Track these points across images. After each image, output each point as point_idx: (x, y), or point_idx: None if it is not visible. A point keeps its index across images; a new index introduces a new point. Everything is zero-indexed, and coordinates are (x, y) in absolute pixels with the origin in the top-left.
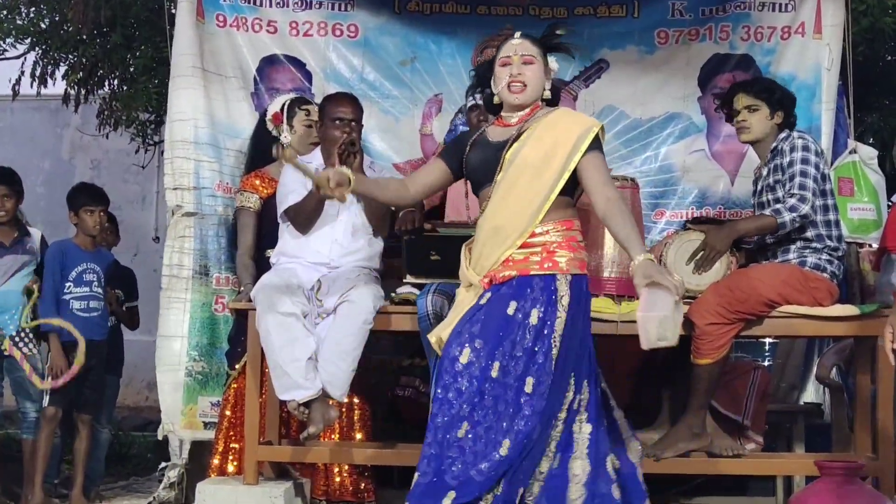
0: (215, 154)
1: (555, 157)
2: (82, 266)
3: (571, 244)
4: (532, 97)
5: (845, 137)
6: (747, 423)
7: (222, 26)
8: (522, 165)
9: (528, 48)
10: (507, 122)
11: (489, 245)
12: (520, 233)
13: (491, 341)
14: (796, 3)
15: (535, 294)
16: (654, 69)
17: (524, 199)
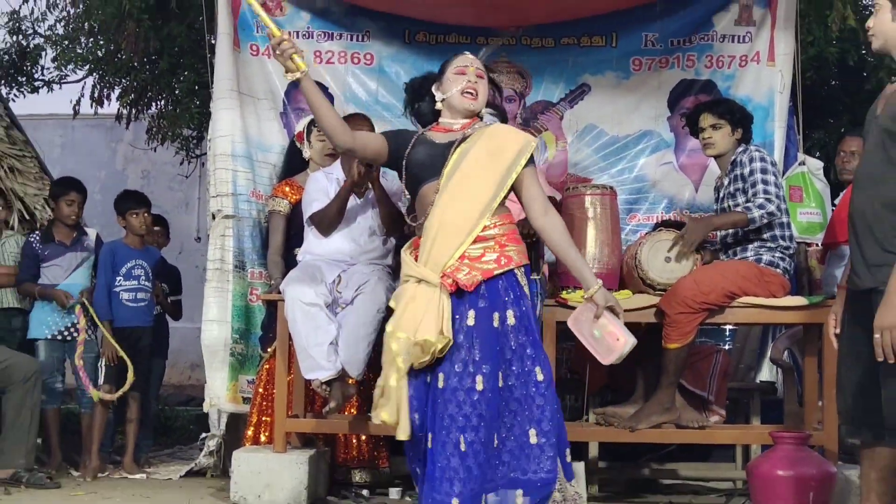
0: (249, 165)
1: (502, 160)
2: (131, 263)
3: (515, 236)
4: (479, 108)
5: (795, 151)
6: (711, 399)
7: (255, 55)
8: (473, 164)
9: (480, 67)
10: (449, 127)
11: (441, 239)
12: (472, 227)
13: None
14: (753, 34)
15: (504, 296)
16: (629, 92)
17: (475, 196)
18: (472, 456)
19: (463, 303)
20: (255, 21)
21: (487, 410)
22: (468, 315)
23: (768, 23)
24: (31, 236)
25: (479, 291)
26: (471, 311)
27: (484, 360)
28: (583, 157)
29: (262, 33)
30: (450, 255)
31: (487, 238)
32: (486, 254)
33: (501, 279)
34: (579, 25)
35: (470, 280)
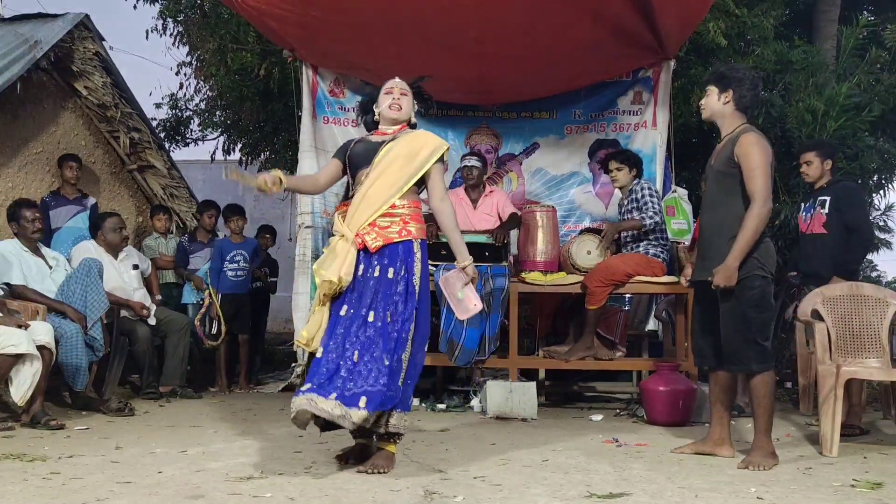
0: (322, 195)
1: (418, 156)
2: (233, 252)
3: (418, 218)
4: (403, 117)
5: (670, 184)
6: (617, 342)
7: (326, 123)
8: (395, 157)
9: (404, 86)
10: (383, 132)
11: (361, 209)
12: (384, 202)
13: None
14: (642, 110)
15: (400, 257)
16: (563, 147)
17: (392, 180)
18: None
19: (372, 258)
20: (326, 102)
21: (368, 335)
22: (375, 268)
23: (652, 102)
24: (182, 237)
25: (382, 252)
26: (377, 265)
27: (377, 300)
28: (535, 188)
29: (330, 109)
30: (364, 220)
31: (395, 215)
32: (392, 226)
33: (399, 245)
34: (532, 105)
35: (374, 244)
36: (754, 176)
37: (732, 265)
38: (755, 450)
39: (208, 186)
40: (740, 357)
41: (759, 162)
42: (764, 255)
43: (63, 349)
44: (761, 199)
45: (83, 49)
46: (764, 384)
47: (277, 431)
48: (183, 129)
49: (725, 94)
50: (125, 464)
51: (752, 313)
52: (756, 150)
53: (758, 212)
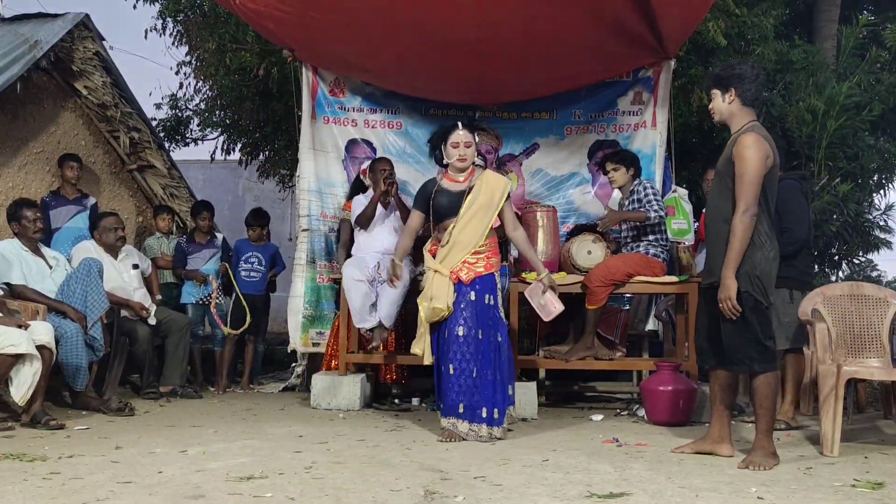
0: (319, 197)
1: (493, 201)
2: (248, 253)
3: (496, 252)
4: (468, 165)
5: (670, 184)
6: (617, 341)
7: (326, 123)
8: (477, 208)
9: (467, 136)
10: (455, 178)
11: (453, 252)
12: (473, 246)
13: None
14: (642, 110)
15: (488, 286)
16: (563, 148)
17: (477, 227)
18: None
19: (466, 289)
20: (326, 102)
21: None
22: (470, 294)
23: (652, 102)
24: (180, 238)
25: (474, 283)
26: (471, 292)
27: (478, 321)
28: (535, 189)
29: (330, 109)
30: (458, 260)
31: (480, 252)
32: (479, 262)
33: (488, 276)
34: (532, 105)
35: (468, 277)
36: (741, 181)
37: (726, 282)
38: (756, 449)
39: (208, 186)
40: (742, 357)
41: (749, 166)
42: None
43: (63, 349)
44: (743, 205)
45: (83, 49)
46: (766, 384)
47: (277, 431)
48: (183, 128)
49: (728, 93)
50: (125, 464)
51: (751, 314)
52: (749, 153)
53: (738, 220)
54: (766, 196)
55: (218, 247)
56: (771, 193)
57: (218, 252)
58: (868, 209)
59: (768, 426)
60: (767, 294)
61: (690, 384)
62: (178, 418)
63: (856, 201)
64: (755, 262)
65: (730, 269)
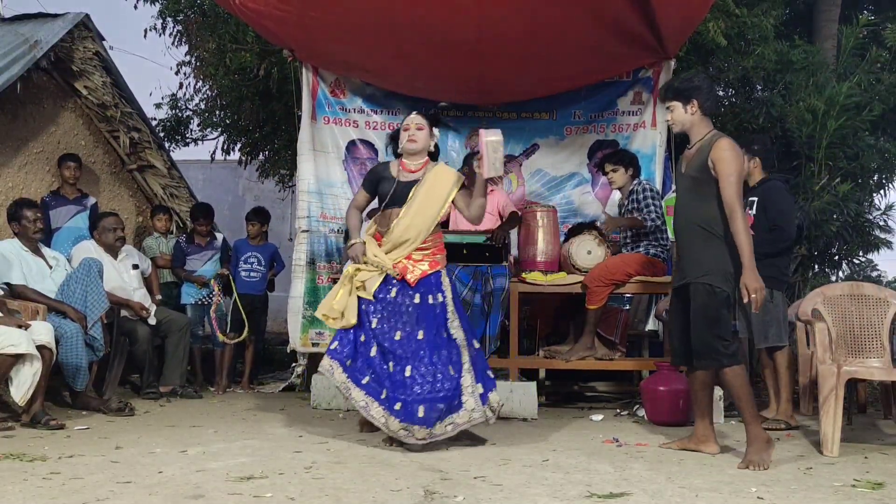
0: (319, 198)
1: (439, 197)
2: (247, 254)
3: (441, 248)
4: (419, 149)
5: (670, 183)
6: (617, 341)
7: (326, 123)
8: (422, 201)
9: (420, 121)
10: (408, 167)
11: (399, 247)
12: (416, 239)
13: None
14: (642, 110)
15: (432, 286)
16: (563, 149)
17: (424, 220)
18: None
19: (410, 291)
20: (327, 102)
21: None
22: (415, 296)
23: (651, 102)
24: (179, 238)
25: (418, 285)
26: (416, 294)
27: (421, 321)
28: (535, 189)
29: (330, 109)
30: (401, 255)
31: (426, 248)
32: (424, 259)
33: (432, 276)
34: (532, 106)
35: (413, 278)
36: (730, 183)
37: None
38: (751, 444)
39: (208, 186)
40: (710, 352)
41: (734, 168)
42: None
43: (63, 349)
44: (733, 206)
45: (83, 49)
46: (737, 375)
47: (277, 431)
48: (183, 128)
49: (690, 104)
50: (125, 464)
51: (723, 311)
52: (729, 156)
53: (740, 219)
54: None
55: (217, 248)
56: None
57: (217, 253)
58: (868, 209)
59: (752, 415)
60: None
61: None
62: (178, 418)
63: (856, 201)
64: (729, 259)
65: (752, 262)
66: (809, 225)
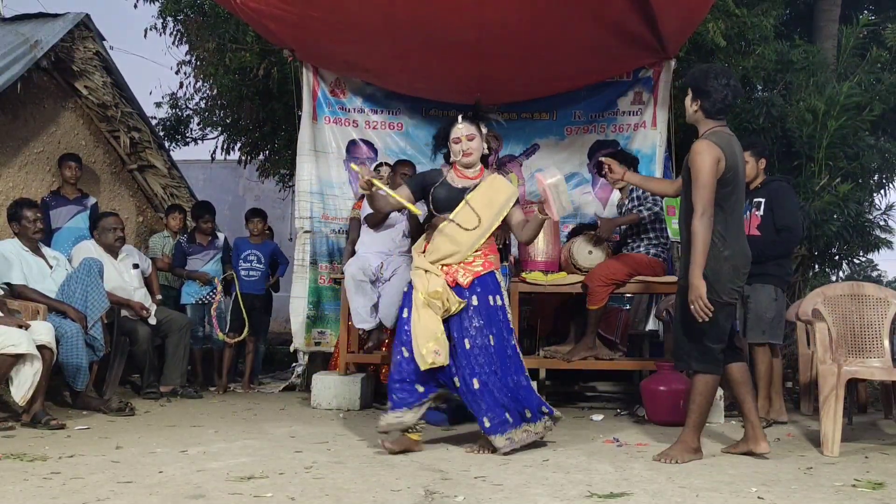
0: (320, 199)
1: (495, 206)
2: (247, 252)
3: (494, 248)
4: (476, 158)
5: None
6: (617, 342)
7: (327, 123)
8: (477, 207)
9: (468, 129)
10: (463, 174)
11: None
12: (470, 251)
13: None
14: (642, 110)
15: (490, 286)
16: (563, 149)
17: (476, 232)
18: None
19: (464, 292)
20: (327, 102)
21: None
22: (471, 299)
23: (652, 102)
24: (181, 238)
25: (473, 286)
26: (473, 297)
27: (489, 326)
28: (535, 189)
29: (331, 109)
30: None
31: (477, 250)
32: (475, 260)
33: (487, 276)
34: (532, 106)
35: (465, 280)
36: (695, 185)
37: (694, 282)
38: (676, 443)
39: (208, 186)
40: (682, 353)
41: (699, 170)
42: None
43: (63, 349)
44: (699, 209)
45: (83, 49)
46: (703, 383)
47: (278, 431)
48: (183, 128)
49: (694, 102)
50: (126, 463)
51: None
52: (699, 159)
53: (697, 222)
54: (720, 197)
55: (219, 248)
56: (731, 194)
57: (219, 253)
58: (868, 209)
59: (695, 423)
60: (719, 291)
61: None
62: (179, 418)
63: (856, 201)
64: (714, 263)
65: (696, 269)
66: (810, 225)
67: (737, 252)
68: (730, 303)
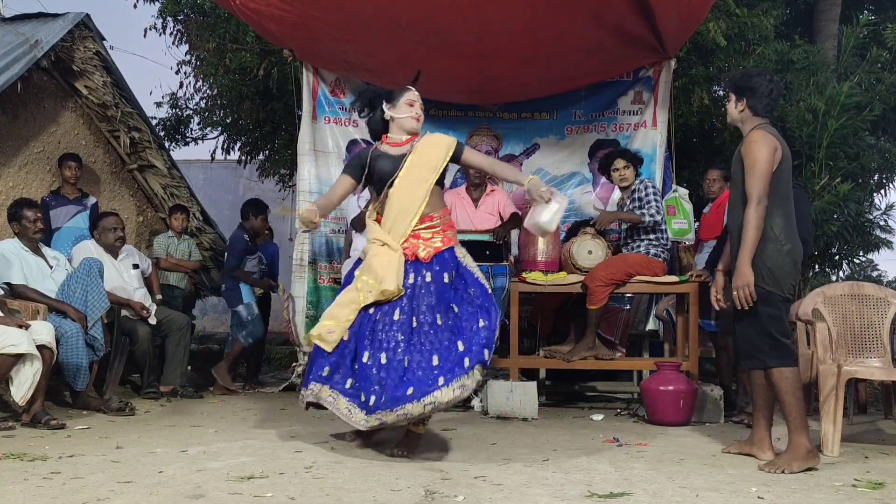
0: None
1: (431, 161)
2: None
3: (451, 225)
4: (418, 129)
5: (671, 183)
6: (617, 342)
7: (327, 123)
8: (415, 167)
9: (420, 99)
10: (397, 142)
11: (398, 221)
12: (416, 211)
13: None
14: (642, 109)
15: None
16: (564, 148)
17: (417, 189)
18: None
19: (421, 267)
20: (327, 102)
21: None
22: (426, 275)
23: (652, 102)
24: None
25: (432, 261)
26: (428, 273)
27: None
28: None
29: (331, 109)
30: (403, 230)
31: (434, 226)
32: (434, 237)
33: (445, 252)
34: (532, 105)
35: (427, 255)
36: (749, 175)
37: (742, 269)
38: (786, 451)
39: (209, 185)
40: (753, 351)
41: (755, 159)
42: (777, 268)
43: (63, 349)
44: (754, 199)
45: (83, 49)
46: (783, 378)
47: (278, 431)
48: (183, 128)
49: (740, 102)
50: (126, 463)
51: (762, 307)
52: (755, 148)
53: (751, 213)
54: (779, 190)
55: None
56: (785, 188)
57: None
58: (869, 209)
59: (796, 423)
60: (782, 286)
61: (691, 384)
62: (179, 418)
63: (856, 201)
64: (767, 255)
65: (745, 256)
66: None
67: (796, 247)
68: (788, 298)
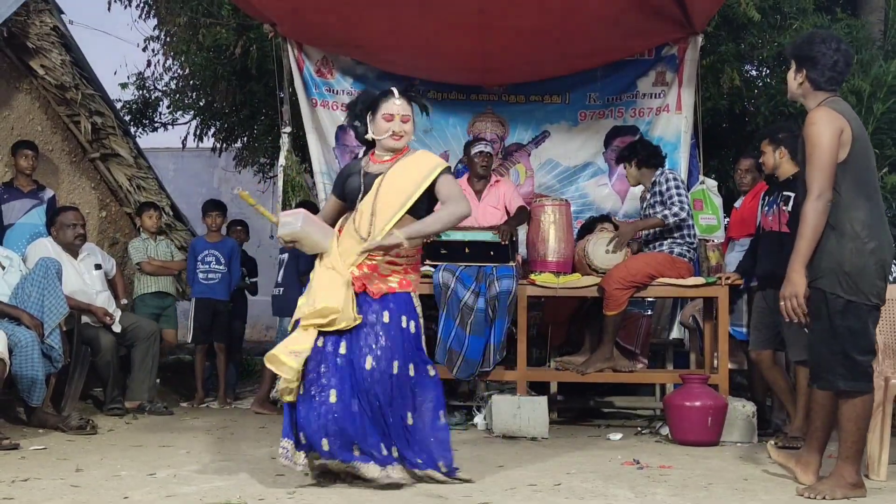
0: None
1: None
2: (204, 252)
3: (417, 268)
4: (405, 144)
5: (697, 174)
6: (637, 351)
7: (314, 106)
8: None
9: (406, 109)
10: (380, 159)
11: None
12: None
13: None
14: (665, 92)
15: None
16: (577, 135)
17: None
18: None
19: (375, 306)
20: (313, 83)
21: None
22: (383, 314)
23: (676, 84)
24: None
25: (385, 299)
26: (384, 312)
27: (395, 350)
28: (545, 181)
29: (318, 91)
30: (354, 259)
31: (397, 265)
32: (393, 275)
33: (401, 296)
34: (542, 87)
35: (378, 291)
36: (809, 162)
37: (793, 276)
38: (830, 476)
39: (180, 177)
40: (824, 371)
41: (814, 145)
42: (857, 272)
43: (17, 359)
44: (814, 192)
45: (39, 23)
46: (851, 407)
47: (257, 452)
48: (151, 112)
49: (799, 73)
50: (87, 488)
51: (840, 320)
52: (814, 130)
53: (808, 208)
54: (857, 177)
55: None
56: (864, 174)
57: None
58: None
59: (849, 452)
60: (866, 292)
61: (720, 399)
62: (146, 437)
63: None
64: (844, 257)
65: (798, 262)
66: None
67: (884, 244)
68: (877, 305)
